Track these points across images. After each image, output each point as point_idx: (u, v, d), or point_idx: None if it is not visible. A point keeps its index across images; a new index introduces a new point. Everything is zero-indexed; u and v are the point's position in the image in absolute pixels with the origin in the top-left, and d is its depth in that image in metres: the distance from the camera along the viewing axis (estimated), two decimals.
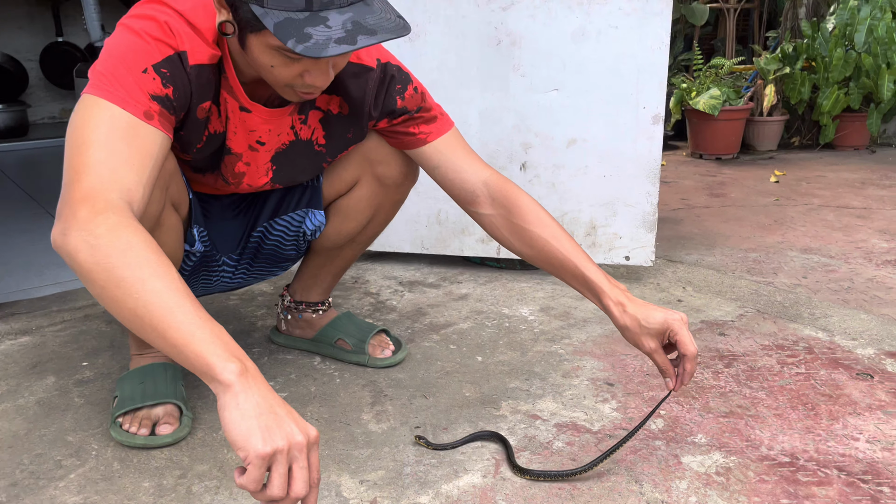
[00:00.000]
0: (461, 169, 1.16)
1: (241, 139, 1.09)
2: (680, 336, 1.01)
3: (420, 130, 1.16)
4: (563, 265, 1.10)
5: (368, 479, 1.04)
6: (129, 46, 0.93)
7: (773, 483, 1.02)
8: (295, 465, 0.74)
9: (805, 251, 2.13)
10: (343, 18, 0.85)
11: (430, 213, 1.89)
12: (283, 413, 0.75)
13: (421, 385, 1.31)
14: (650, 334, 1.03)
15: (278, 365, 1.40)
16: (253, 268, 1.34)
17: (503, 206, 1.13)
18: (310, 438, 0.75)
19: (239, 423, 0.73)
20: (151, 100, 0.92)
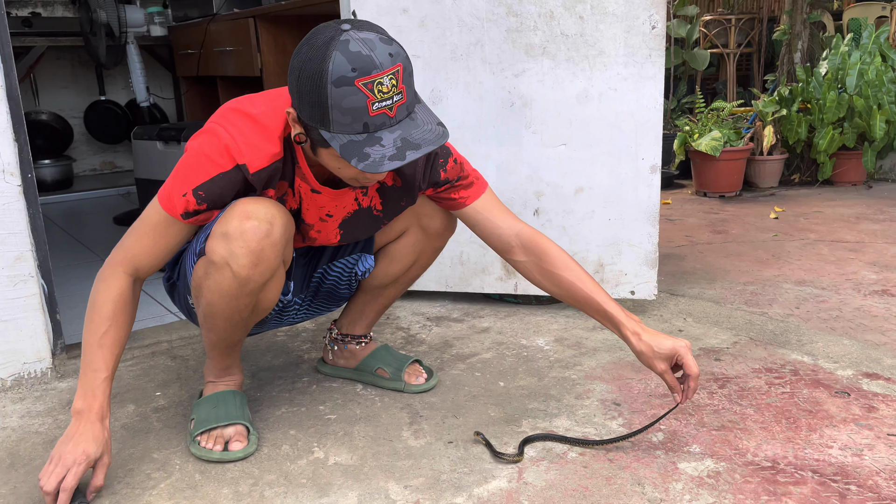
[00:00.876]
0: (496, 225, 1.39)
1: (313, 213, 1.32)
2: (686, 360, 1.25)
3: (460, 196, 1.39)
4: (588, 302, 1.33)
5: (411, 485, 1.23)
6: (186, 167, 1.21)
7: (755, 483, 1.20)
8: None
9: (799, 283, 2.31)
10: (393, 137, 1.08)
11: (454, 255, 2.10)
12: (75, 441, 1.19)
13: (451, 407, 1.51)
14: (661, 358, 1.26)
15: (326, 392, 1.60)
16: (314, 305, 1.55)
17: (534, 254, 1.36)
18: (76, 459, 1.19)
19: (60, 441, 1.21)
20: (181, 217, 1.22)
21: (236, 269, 1.19)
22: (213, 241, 1.20)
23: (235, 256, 1.18)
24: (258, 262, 1.19)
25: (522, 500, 1.18)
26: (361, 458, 1.32)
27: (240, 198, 1.22)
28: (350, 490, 1.22)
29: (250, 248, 1.18)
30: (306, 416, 1.48)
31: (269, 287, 1.27)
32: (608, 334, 1.89)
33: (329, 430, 1.42)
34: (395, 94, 1.07)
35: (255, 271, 1.20)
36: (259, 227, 1.18)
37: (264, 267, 1.20)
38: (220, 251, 1.19)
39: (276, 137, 1.21)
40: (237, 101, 1.24)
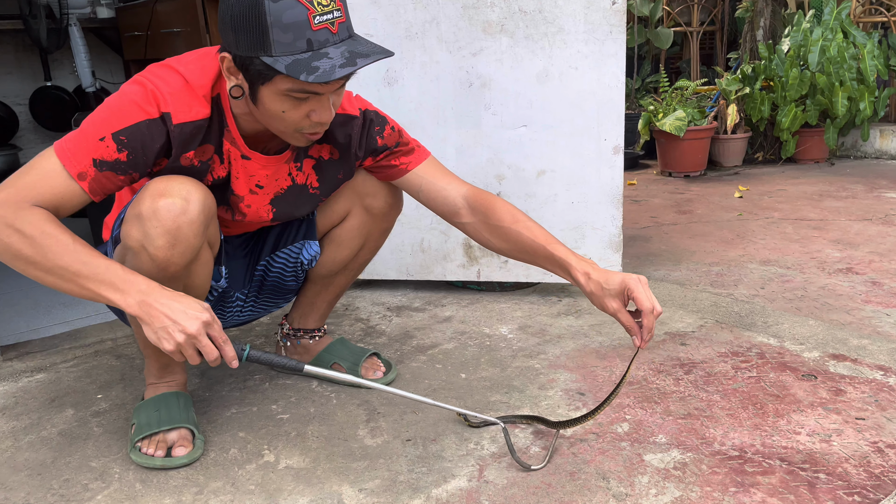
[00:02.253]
0: (441, 188, 1.32)
1: (242, 183, 1.23)
2: (636, 293, 1.15)
3: (401, 162, 1.33)
4: (536, 251, 1.26)
5: (367, 488, 1.17)
6: (108, 109, 1.10)
7: (723, 474, 1.16)
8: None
9: (764, 263, 2.28)
10: (340, 50, 1.04)
11: (414, 243, 2.03)
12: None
13: (411, 403, 1.44)
14: (611, 295, 1.17)
15: (279, 390, 1.52)
16: (259, 301, 1.47)
17: (481, 212, 1.30)
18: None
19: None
20: (93, 165, 1.08)
21: (153, 252, 1.10)
22: (127, 226, 1.12)
23: (150, 238, 1.10)
24: (175, 243, 1.11)
25: (483, 500, 1.12)
26: (314, 461, 1.25)
27: (160, 159, 1.14)
28: (301, 496, 1.15)
29: (165, 227, 1.09)
30: (257, 417, 1.41)
31: (195, 271, 1.19)
32: (572, 320, 1.84)
33: (281, 431, 1.35)
34: (335, 10, 1.04)
35: (174, 252, 1.11)
36: (173, 203, 1.09)
37: (183, 247, 1.12)
38: (135, 234, 1.10)
39: (202, 97, 1.13)
40: (165, 60, 1.16)
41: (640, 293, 1.14)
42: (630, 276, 1.16)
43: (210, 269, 1.24)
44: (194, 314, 1.03)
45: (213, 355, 1.05)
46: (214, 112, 1.16)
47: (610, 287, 1.17)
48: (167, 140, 1.12)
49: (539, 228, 1.27)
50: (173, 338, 1.03)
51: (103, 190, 1.12)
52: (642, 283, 1.15)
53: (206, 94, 1.14)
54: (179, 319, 1.03)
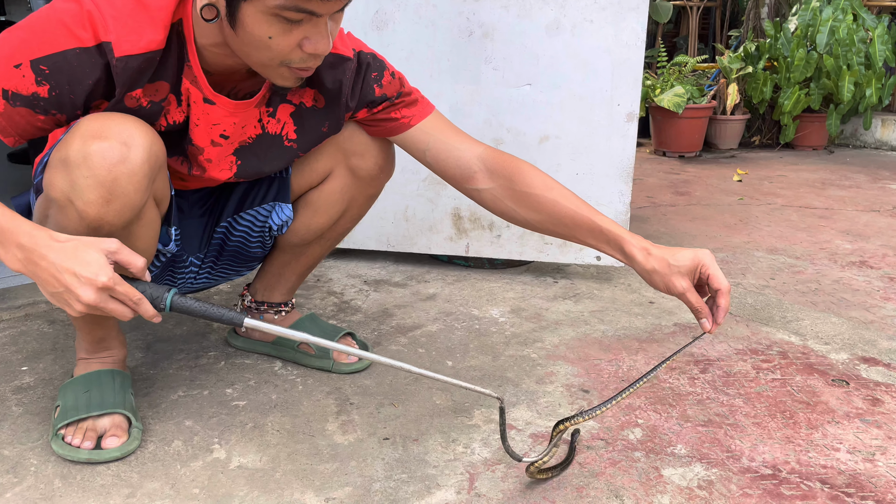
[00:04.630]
0: (453, 147, 1.11)
1: (202, 132, 1.01)
2: (713, 270, 0.99)
3: (402, 115, 1.11)
4: (577, 223, 1.06)
5: (334, 497, 0.97)
6: (29, 29, 0.87)
7: (756, 497, 0.99)
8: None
9: (771, 251, 2.12)
10: None
11: (397, 210, 1.82)
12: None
13: (389, 392, 1.25)
14: (681, 273, 0.99)
15: (236, 370, 1.31)
16: (217, 267, 1.25)
17: (503, 175, 1.09)
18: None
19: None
20: (2, 96, 0.86)
21: (82, 208, 0.88)
22: (52, 172, 0.89)
23: (79, 190, 0.87)
24: (111, 198, 0.88)
25: None
26: (273, 460, 1.05)
27: (98, 100, 0.91)
28: None
29: (99, 178, 0.87)
30: (208, 402, 1.20)
31: (137, 233, 0.97)
32: (570, 305, 1.66)
33: (236, 422, 1.15)
34: None
35: (109, 210, 0.89)
36: (110, 149, 0.87)
37: (121, 204, 0.89)
38: (60, 184, 0.88)
39: (160, 22, 0.90)
40: None
41: (717, 271, 0.99)
42: (701, 251, 1.00)
43: (156, 230, 1.03)
44: (89, 277, 0.81)
45: (125, 317, 0.85)
46: (173, 42, 0.93)
47: (680, 264, 0.99)
48: (105, 76, 0.89)
49: (576, 197, 1.07)
50: (72, 307, 0.83)
51: (17, 130, 0.89)
52: (714, 259, 1.01)
53: (164, 19, 0.91)
54: (73, 286, 0.81)
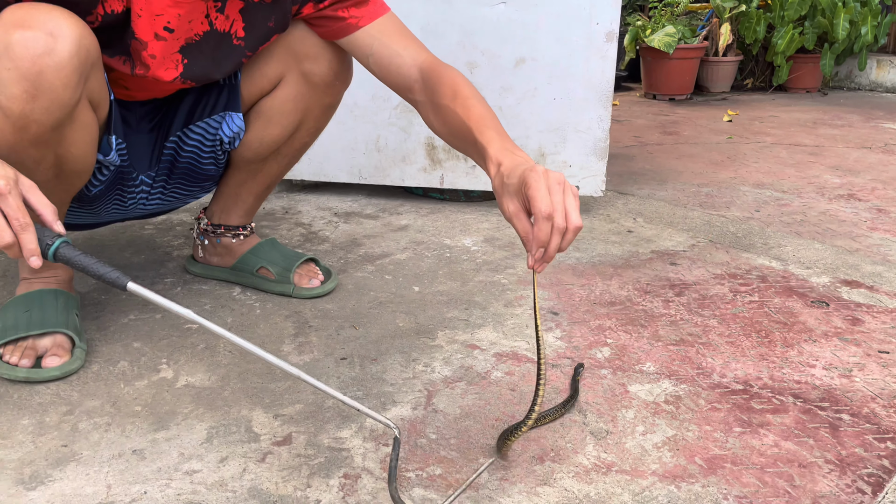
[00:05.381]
0: (396, 54, 1.03)
1: (145, 24, 0.94)
2: (532, 190, 0.75)
3: (350, 14, 1.04)
4: (465, 135, 0.91)
5: (284, 414, 0.93)
6: None
7: (725, 411, 0.94)
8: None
9: (758, 186, 2.06)
10: None
11: (369, 140, 1.75)
12: None
13: (351, 316, 1.20)
14: (510, 193, 0.79)
15: (193, 296, 1.26)
16: (169, 187, 1.19)
17: (430, 87, 0.99)
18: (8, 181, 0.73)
19: None
20: None
21: (5, 103, 0.82)
22: None
23: (2, 83, 0.81)
24: (37, 93, 0.82)
25: (429, 432, 0.90)
26: (223, 380, 1.00)
27: None
28: (199, 421, 0.91)
29: (22, 70, 0.80)
30: (160, 325, 1.15)
31: (71, 138, 0.90)
32: None
33: (187, 343, 1.10)
34: None
35: (35, 107, 0.82)
36: (34, 39, 0.80)
37: (48, 101, 0.83)
38: None
39: None
40: None
41: (538, 191, 0.75)
42: (535, 167, 0.78)
43: (93, 137, 0.96)
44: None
45: (3, 240, 0.73)
46: None
47: (510, 182, 0.79)
48: None
49: (480, 107, 0.92)
50: None
51: None
52: (550, 178, 0.76)
53: None
54: None
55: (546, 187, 0.75)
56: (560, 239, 0.75)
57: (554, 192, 0.75)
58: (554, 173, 0.77)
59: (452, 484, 0.80)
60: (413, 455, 0.85)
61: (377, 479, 0.81)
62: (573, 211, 0.76)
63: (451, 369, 1.04)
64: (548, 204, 0.74)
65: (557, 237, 0.75)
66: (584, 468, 0.83)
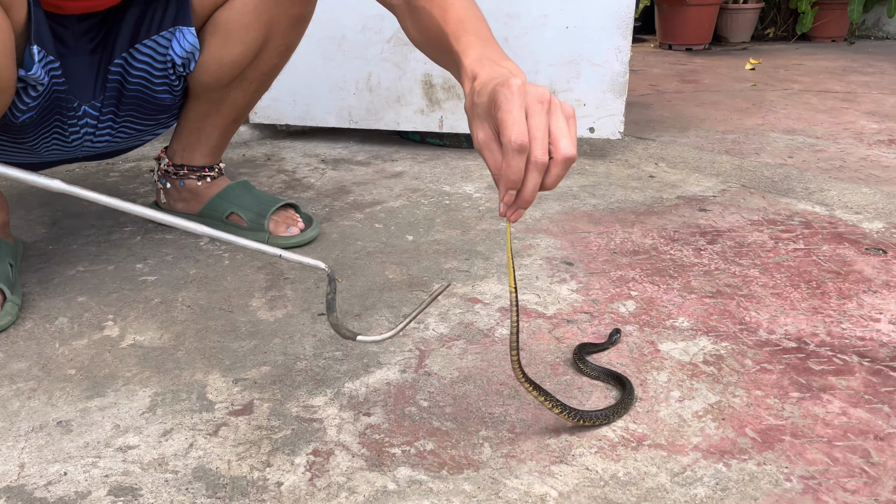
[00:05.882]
0: None
1: None
2: (502, 112, 0.57)
3: None
4: (439, 42, 0.72)
5: (246, 378, 0.77)
6: None
7: (777, 373, 0.78)
8: None
9: (788, 132, 1.88)
10: None
11: (359, 78, 1.57)
12: None
13: (334, 267, 1.04)
14: (480, 116, 0.60)
15: (153, 245, 1.10)
16: (120, 120, 1.02)
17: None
18: None
19: None
20: None
21: None
22: None
23: None
24: None
25: (420, 399, 0.74)
26: (177, 338, 0.85)
27: None
28: (142, 387, 0.75)
29: None
30: (112, 278, 0.99)
31: None
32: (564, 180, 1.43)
33: (140, 297, 0.94)
34: None
35: None
36: None
37: None
38: None
39: None
40: None
41: (508, 113, 0.56)
42: (510, 81, 0.58)
43: (7, 47, 0.79)
44: None
45: None
46: None
47: (480, 100, 0.60)
48: None
49: (461, 7, 0.73)
50: None
51: None
52: (529, 95, 0.57)
53: None
54: None
55: (521, 107, 0.57)
56: (538, 176, 0.57)
57: (534, 114, 0.57)
58: (536, 87, 0.58)
59: (447, 462, 0.65)
60: (399, 427, 0.69)
61: (354, 455, 0.66)
62: (563, 137, 0.57)
63: (447, 326, 0.88)
64: (520, 130, 0.56)
65: (535, 175, 0.57)
66: (610, 442, 0.67)
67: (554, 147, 0.57)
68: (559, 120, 0.58)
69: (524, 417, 0.71)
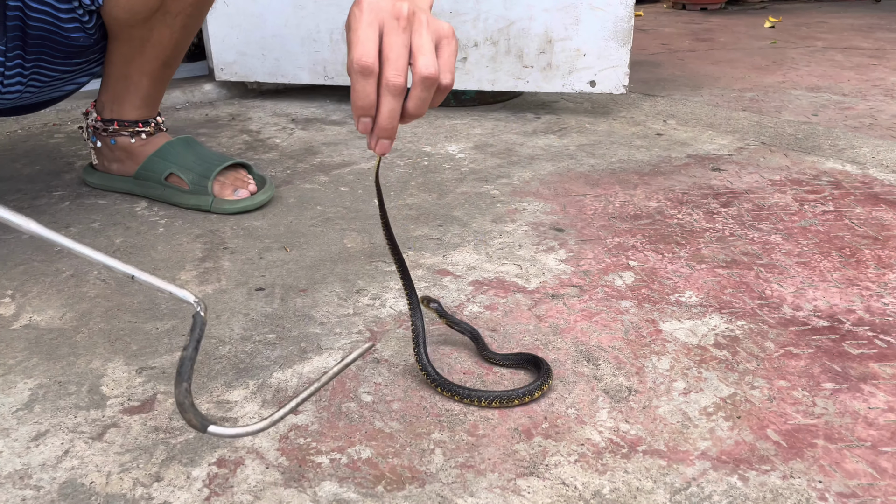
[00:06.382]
0: None
1: None
2: (350, 32, 0.49)
3: None
4: None
5: (153, 366, 0.63)
6: None
7: (806, 358, 0.63)
8: None
9: (812, 90, 1.71)
10: None
11: (334, 28, 1.42)
12: None
13: (284, 235, 0.90)
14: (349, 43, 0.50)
15: (82, 211, 0.96)
16: (30, 65, 0.88)
17: None
18: None
19: None
20: None
21: None
22: None
23: None
24: None
25: (362, 392, 0.60)
26: (81, 318, 0.71)
27: None
28: (25, 377, 0.62)
29: None
30: (23, 248, 0.86)
31: None
32: (553, 139, 1.28)
33: (50, 270, 0.80)
34: None
35: None
36: None
37: None
38: None
39: None
40: None
41: (354, 31, 0.49)
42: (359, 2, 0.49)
43: None
44: None
45: None
46: None
47: (347, 21, 0.51)
48: None
49: None
50: None
51: None
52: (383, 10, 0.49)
53: None
54: None
55: (370, 24, 0.48)
56: (393, 100, 0.48)
57: (389, 32, 0.48)
58: (395, 3, 0.49)
59: (385, 474, 0.51)
60: (331, 428, 0.55)
61: (268, 466, 0.52)
62: (423, 55, 0.48)
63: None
64: (363, 50, 0.47)
65: (388, 99, 0.48)
66: (595, 448, 0.53)
67: (413, 66, 0.48)
68: (421, 37, 0.48)
69: (489, 415, 0.57)
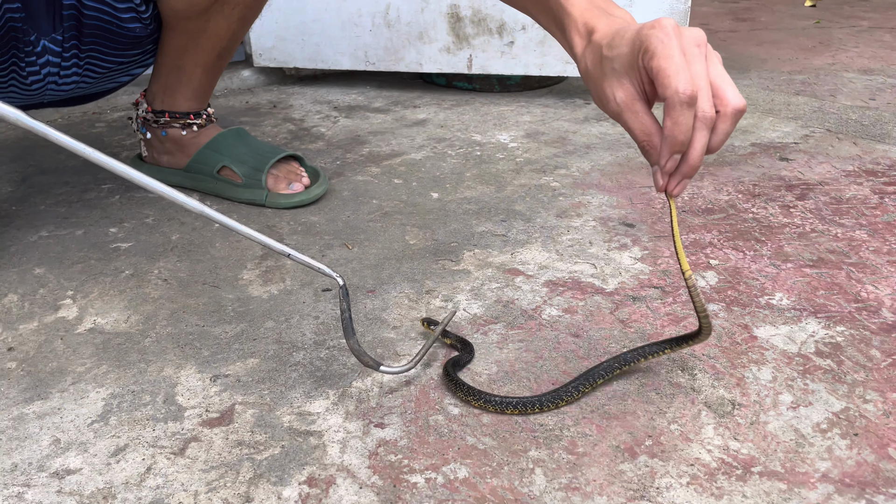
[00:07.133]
0: None
1: None
2: (659, 59, 0.46)
3: None
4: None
5: (228, 374, 0.61)
6: None
7: None
8: None
9: (865, 72, 1.65)
10: None
11: (376, 11, 1.37)
12: None
13: (344, 231, 0.87)
14: (617, 71, 0.49)
15: (133, 205, 0.94)
16: (84, 56, 0.85)
17: None
18: None
19: None
20: None
21: None
22: None
23: None
24: None
25: (448, 403, 0.57)
26: (147, 321, 0.68)
27: None
28: (96, 385, 0.59)
29: None
30: (79, 244, 0.83)
31: None
32: (607, 127, 1.23)
33: (108, 269, 0.78)
34: None
35: None
36: None
37: None
38: None
39: None
40: None
41: (669, 60, 0.45)
42: (660, 22, 0.47)
43: None
44: None
45: None
46: None
47: (616, 52, 0.49)
48: None
49: None
50: None
51: None
52: (685, 39, 0.46)
53: None
54: None
55: (681, 52, 0.46)
56: (707, 135, 0.47)
57: (693, 61, 0.46)
58: (689, 29, 0.48)
59: (486, 497, 0.48)
60: (422, 444, 0.53)
61: (362, 486, 0.49)
62: (728, 85, 0.47)
63: (482, 305, 0.70)
64: (688, 78, 0.45)
65: (703, 133, 0.47)
66: (707, 469, 0.50)
67: (720, 98, 0.47)
68: (718, 66, 0.48)
69: (586, 431, 0.54)
